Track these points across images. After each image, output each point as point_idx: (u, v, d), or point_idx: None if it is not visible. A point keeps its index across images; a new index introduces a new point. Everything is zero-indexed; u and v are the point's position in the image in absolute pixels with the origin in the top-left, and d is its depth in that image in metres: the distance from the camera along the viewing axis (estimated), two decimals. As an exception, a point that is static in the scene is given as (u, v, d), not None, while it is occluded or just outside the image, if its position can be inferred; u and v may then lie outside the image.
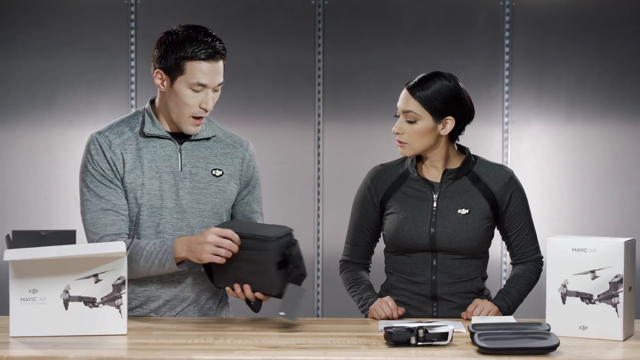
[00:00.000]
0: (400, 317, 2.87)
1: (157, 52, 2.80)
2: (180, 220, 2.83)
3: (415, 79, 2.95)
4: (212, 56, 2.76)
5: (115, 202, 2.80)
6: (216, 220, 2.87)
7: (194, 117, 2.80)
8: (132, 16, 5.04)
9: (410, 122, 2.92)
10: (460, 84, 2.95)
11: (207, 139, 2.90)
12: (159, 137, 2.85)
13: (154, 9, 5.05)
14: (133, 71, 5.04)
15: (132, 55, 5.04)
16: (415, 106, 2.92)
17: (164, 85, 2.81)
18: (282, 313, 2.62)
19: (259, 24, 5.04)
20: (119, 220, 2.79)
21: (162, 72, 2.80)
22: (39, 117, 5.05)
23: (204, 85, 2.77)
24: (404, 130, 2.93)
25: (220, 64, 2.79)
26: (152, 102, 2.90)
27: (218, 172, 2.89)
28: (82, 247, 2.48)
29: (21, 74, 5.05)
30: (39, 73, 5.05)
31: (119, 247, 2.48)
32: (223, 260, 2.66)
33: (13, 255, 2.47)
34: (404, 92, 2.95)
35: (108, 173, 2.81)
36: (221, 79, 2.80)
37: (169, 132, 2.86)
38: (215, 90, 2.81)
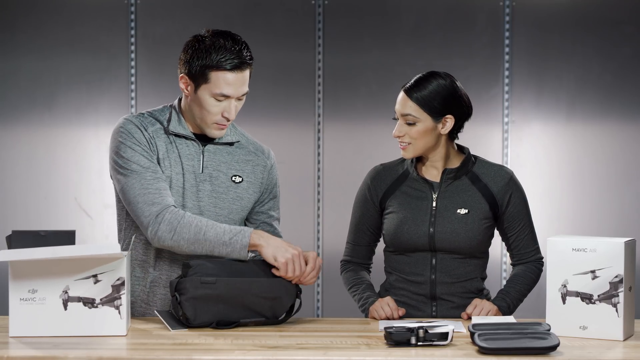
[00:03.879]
0: (401, 318, 2.87)
1: (184, 57, 2.77)
2: None
3: (412, 81, 2.94)
4: (238, 66, 2.72)
5: (160, 175, 2.76)
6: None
7: (217, 124, 2.79)
8: (132, 16, 5.04)
9: (410, 125, 2.92)
10: (456, 82, 2.95)
11: (231, 144, 2.89)
12: (184, 136, 2.84)
13: (154, 9, 5.05)
14: (133, 71, 5.04)
15: (132, 55, 5.04)
16: (413, 108, 2.91)
17: (188, 91, 2.79)
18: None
19: (259, 24, 5.04)
20: (168, 190, 2.75)
21: (186, 77, 2.77)
22: (39, 117, 5.05)
23: (227, 96, 2.74)
24: (404, 132, 2.93)
25: (246, 73, 2.76)
26: (180, 100, 2.89)
27: (238, 179, 2.87)
28: (77, 248, 2.47)
29: (21, 74, 5.05)
30: (39, 73, 5.05)
31: (114, 248, 2.48)
32: (289, 274, 2.65)
33: (8, 255, 2.46)
34: (401, 95, 2.94)
35: (146, 149, 2.77)
36: (246, 89, 2.77)
37: (194, 133, 2.85)
38: (239, 99, 2.78)
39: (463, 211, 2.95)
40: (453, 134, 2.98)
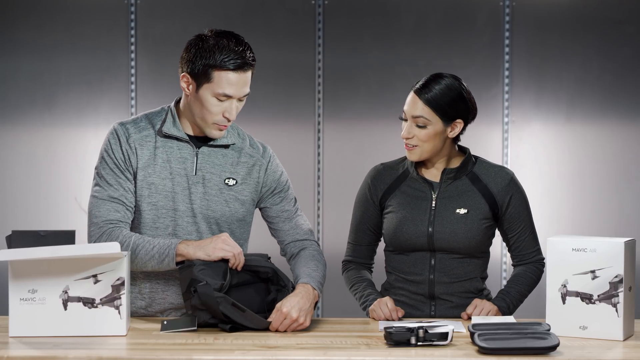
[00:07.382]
0: (400, 318, 2.87)
1: (186, 55, 2.76)
2: (190, 224, 2.82)
3: (422, 81, 2.92)
4: (241, 67, 2.72)
5: (123, 193, 2.78)
6: (224, 229, 2.85)
7: (217, 124, 2.78)
8: (132, 16, 5.04)
9: (420, 127, 2.90)
10: (464, 84, 2.95)
11: (226, 146, 2.87)
12: (177, 138, 2.83)
13: (154, 9, 5.05)
14: (133, 71, 5.04)
15: (132, 55, 5.04)
16: (425, 111, 2.89)
17: (189, 89, 2.77)
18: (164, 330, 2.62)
19: (259, 24, 5.04)
20: (124, 210, 2.77)
21: (188, 76, 2.76)
22: (39, 117, 5.05)
23: (229, 96, 2.74)
24: (413, 134, 2.91)
25: (249, 74, 2.75)
26: (178, 102, 2.88)
27: (231, 182, 2.85)
28: (76, 248, 2.47)
29: (21, 74, 5.05)
30: (39, 73, 5.05)
31: (113, 247, 2.48)
32: (230, 255, 2.65)
33: (7, 255, 2.46)
34: (412, 96, 2.92)
35: (121, 163, 2.79)
36: (247, 90, 2.77)
37: (189, 135, 2.84)
38: (240, 100, 2.77)
39: (462, 211, 2.95)
40: (457, 137, 2.97)
